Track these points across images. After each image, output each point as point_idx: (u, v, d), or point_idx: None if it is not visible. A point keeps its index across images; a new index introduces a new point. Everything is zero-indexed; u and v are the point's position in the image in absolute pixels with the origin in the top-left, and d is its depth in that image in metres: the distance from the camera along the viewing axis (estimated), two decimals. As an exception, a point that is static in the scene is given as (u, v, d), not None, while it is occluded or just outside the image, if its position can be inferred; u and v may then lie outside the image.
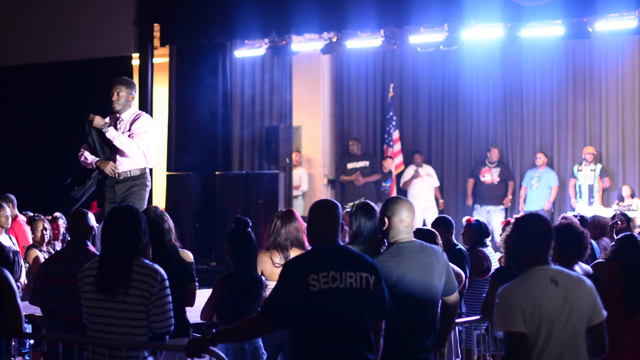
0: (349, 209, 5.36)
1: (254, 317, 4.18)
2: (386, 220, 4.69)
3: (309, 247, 5.83)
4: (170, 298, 4.53)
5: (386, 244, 4.76)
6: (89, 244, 5.74)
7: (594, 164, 13.21)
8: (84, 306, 4.58)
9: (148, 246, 4.63)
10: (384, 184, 14.41)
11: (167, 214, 5.54)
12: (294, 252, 5.69)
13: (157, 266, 4.54)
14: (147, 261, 4.54)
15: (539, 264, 3.84)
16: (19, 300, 4.50)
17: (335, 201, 4.34)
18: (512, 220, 7.83)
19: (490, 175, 13.97)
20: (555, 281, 3.79)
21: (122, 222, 4.57)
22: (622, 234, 6.16)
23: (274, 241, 5.79)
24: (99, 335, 4.49)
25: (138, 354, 4.43)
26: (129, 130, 7.24)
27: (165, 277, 4.52)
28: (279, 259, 5.71)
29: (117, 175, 7.19)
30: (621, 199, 12.72)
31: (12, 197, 9.41)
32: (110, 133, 7.13)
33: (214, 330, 4.30)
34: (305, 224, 5.92)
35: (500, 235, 8.43)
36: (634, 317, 5.72)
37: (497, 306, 3.73)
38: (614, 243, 6.08)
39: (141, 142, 7.18)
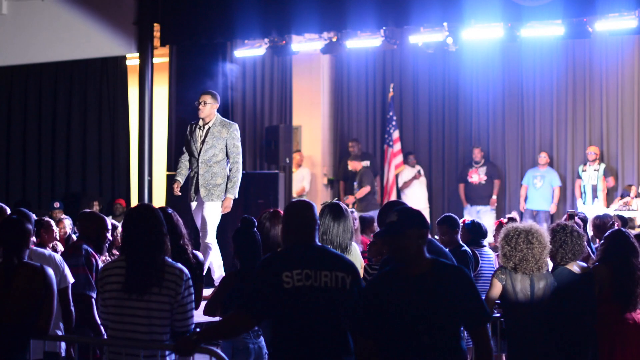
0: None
1: (233, 313, 4.20)
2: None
3: None
4: (193, 297, 4.54)
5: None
6: (85, 246, 5.79)
7: (597, 163, 13.21)
8: (103, 306, 4.56)
9: (169, 245, 4.63)
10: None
11: (176, 215, 5.58)
12: None
13: (181, 265, 4.54)
14: (171, 261, 4.54)
15: None
16: (55, 303, 4.66)
17: (311, 201, 4.34)
18: (505, 222, 7.86)
19: (477, 175, 14.01)
20: None
21: (146, 222, 4.54)
22: (609, 231, 6.18)
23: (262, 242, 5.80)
24: (121, 335, 4.47)
25: (156, 353, 4.43)
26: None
27: (189, 276, 4.53)
28: None
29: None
30: (623, 197, 12.70)
31: None
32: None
33: (198, 330, 4.31)
34: None
35: (494, 235, 8.44)
36: (622, 314, 5.79)
37: None
38: (602, 241, 6.10)
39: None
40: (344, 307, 4.06)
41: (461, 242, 7.00)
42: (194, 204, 8.38)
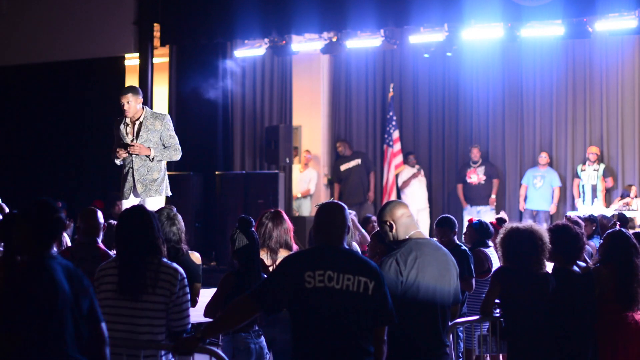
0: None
1: (241, 298, 4.18)
2: (394, 219, 4.67)
3: (295, 248, 5.87)
4: (188, 297, 4.54)
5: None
6: (99, 241, 5.78)
7: (597, 163, 13.21)
8: (100, 306, 4.56)
9: (164, 245, 4.62)
10: None
11: (179, 216, 5.57)
12: (282, 254, 5.73)
13: (176, 265, 4.54)
14: (166, 260, 4.54)
15: None
16: None
17: (342, 203, 4.33)
18: (495, 222, 7.85)
19: (476, 176, 13.99)
20: None
21: (139, 224, 4.54)
22: (608, 231, 6.18)
23: (263, 242, 5.81)
24: (119, 335, 4.46)
25: (156, 353, 4.43)
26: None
27: (185, 276, 4.52)
28: (265, 260, 5.74)
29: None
30: (623, 197, 12.69)
31: None
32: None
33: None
34: (292, 226, 5.96)
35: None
36: (623, 313, 5.81)
37: None
38: (601, 242, 6.10)
39: None
40: (365, 311, 4.05)
41: (458, 242, 7.00)
42: (127, 202, 7.89)
